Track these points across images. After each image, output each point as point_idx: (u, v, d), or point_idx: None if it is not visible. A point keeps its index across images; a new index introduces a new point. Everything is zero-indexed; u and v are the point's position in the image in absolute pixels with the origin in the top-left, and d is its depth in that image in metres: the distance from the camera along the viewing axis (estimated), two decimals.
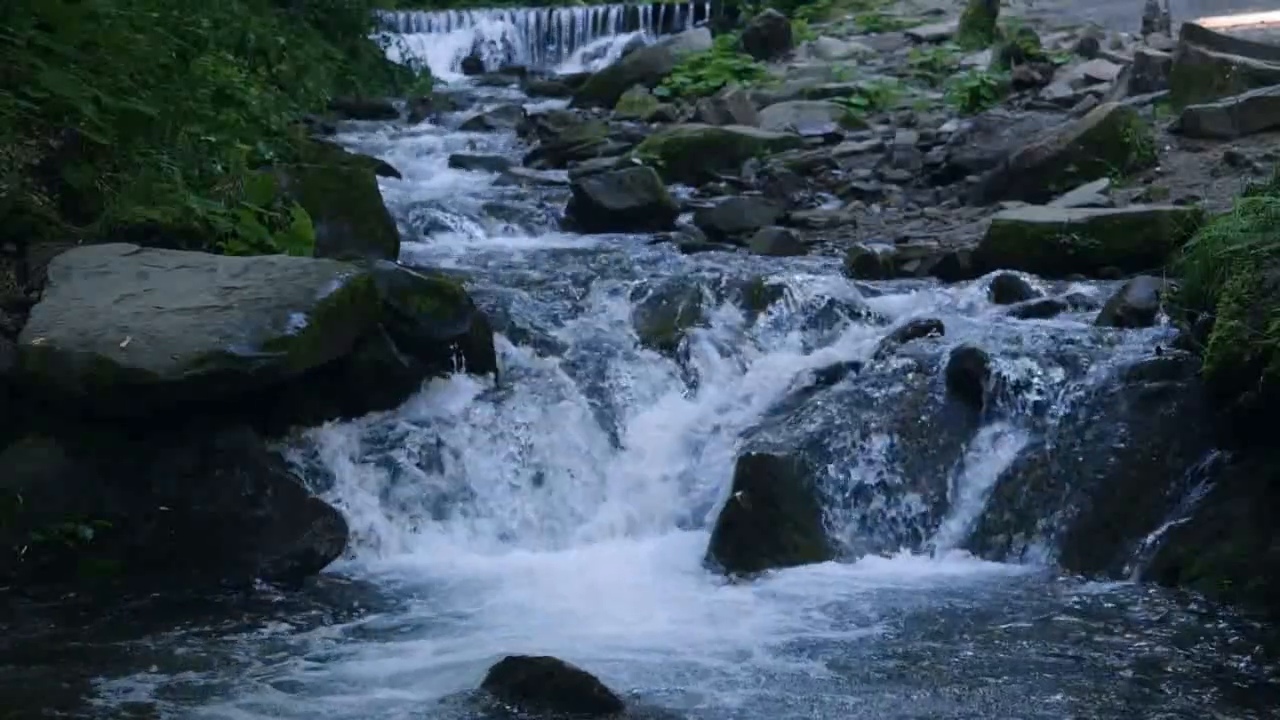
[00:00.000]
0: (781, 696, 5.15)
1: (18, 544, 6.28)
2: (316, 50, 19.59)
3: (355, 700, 5.14)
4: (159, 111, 8.57)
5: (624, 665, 5.38)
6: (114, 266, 7.23)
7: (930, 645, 5.66)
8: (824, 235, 10.81)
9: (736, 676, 5.32)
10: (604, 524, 7.14)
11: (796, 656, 5.54)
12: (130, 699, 5.12)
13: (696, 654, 5.55)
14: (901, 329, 7.87)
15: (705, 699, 5.13)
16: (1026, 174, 11.19)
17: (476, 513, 7.08)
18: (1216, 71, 12.67)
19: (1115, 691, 5.17)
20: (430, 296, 7.60)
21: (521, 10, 26.95)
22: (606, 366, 7.86)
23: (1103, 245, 8.97)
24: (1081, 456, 6.85)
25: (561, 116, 17.63)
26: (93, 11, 8.71)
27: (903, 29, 21.29)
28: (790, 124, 15.00)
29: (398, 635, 5.84)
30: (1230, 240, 6.83)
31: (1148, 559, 6.41)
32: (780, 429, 7.24)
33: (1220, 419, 6.61)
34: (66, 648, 5.62)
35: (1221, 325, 6.53)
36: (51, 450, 6.54)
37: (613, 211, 11.34)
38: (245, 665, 5.45)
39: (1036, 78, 16.05)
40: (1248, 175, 10.23)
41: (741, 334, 8.16)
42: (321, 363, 6.97)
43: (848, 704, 5.11)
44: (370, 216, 9.11)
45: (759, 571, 6.54)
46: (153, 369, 6.44)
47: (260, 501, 6.57)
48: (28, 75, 8.03)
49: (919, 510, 6.92)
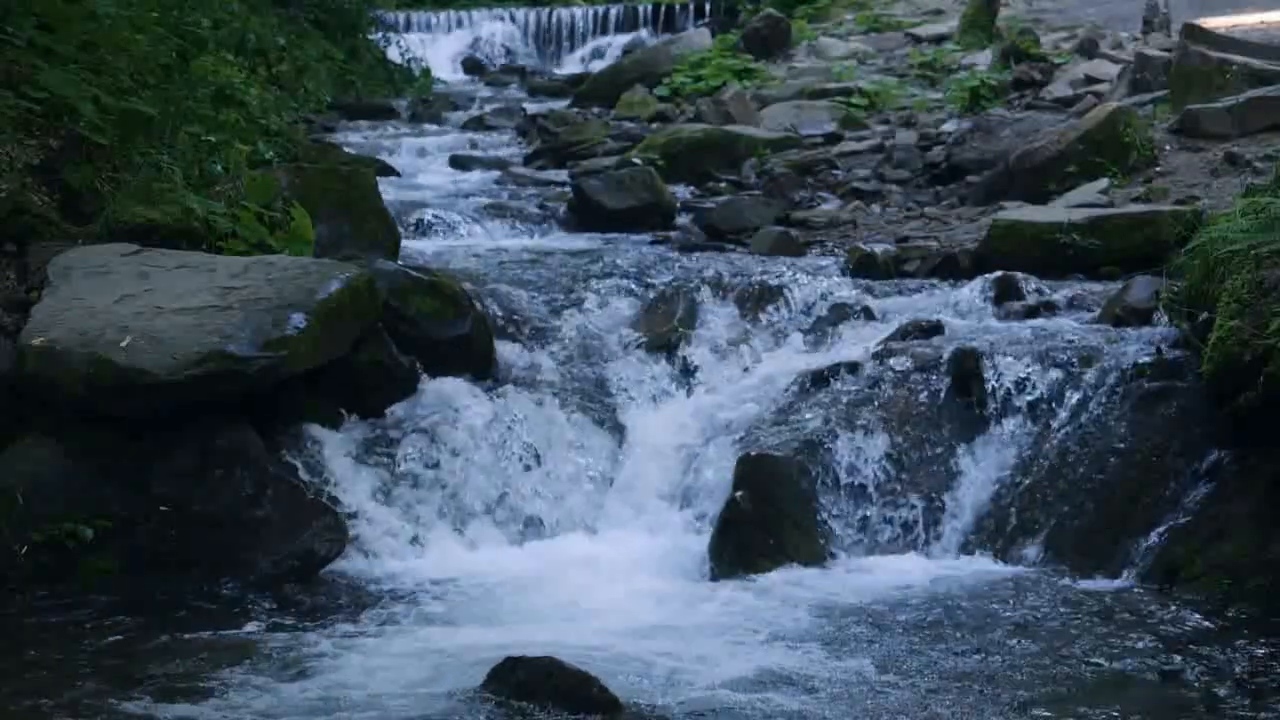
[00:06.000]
0: (781, 696, 5.15)
1: (18, 544, 6.29)
2: (316, 50, 19.59)
3: (355, 700, 5.14)
4: (159, 111, 8.57)
5: (624, 665, 5.38)
6: (114, 266, 7.23)
7: (930, 645, 5.66)
8: (824, 235, 10.81)
9: (736, 676, 5.32)
10: (604, 524, 7.14)
11: (796, 656, 5.54)
12: (130, 699, 5.12)
13: (696, 654, 5.55)
14: (901, 329, 7.87)
15: (704, 699, 5.13)
16: (1026, 174, 11.18)
17: (476, 513, 7.08)
18: (1216, 71, 12.66)
19: (1115, 692, 5.17)
20: (430, 296, 7.61)
21: (521, 10, 26.96)
22: (606, 366, 7.86)
23: (1103, 245, 8.96)
24: (1081, 456, 6.85)
25: (561, 116, 17.63)
26: (93, 11, 8.70)
27: (903, 29, 21.28)
28: (790, 124, 14.99)
29: (397, 635, 5.84)
30: (1230, 240, 6.83)
31: (1148, 559, 6.41)
32: (780, 429, 7.24)
33: (1220, 419, 6.61)
34: (66, 648, 5.62)
35: (1221, 325, 6.53)
36: (51, 450, 6.54)
37: (613, 211, 11.33)
38: (245, 665, 5.45)
39: (1036, 78, 16.04)
40: (1248, 175, 10.22)
41: (741, 334, 8.16)
42: (321, 363, 6.97)
43: (848, 704, 5.11)
44: (370, 216, 9.10)
45: (758, 571, 6.53)
46: (153, 369, 6.44)
47: (260, 501, 6.57)
48: (28, 75, 8.02)
49: (919, 510, 6.91)
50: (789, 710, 5.05)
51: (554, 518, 7.14)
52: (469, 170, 14.08)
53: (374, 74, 21.07)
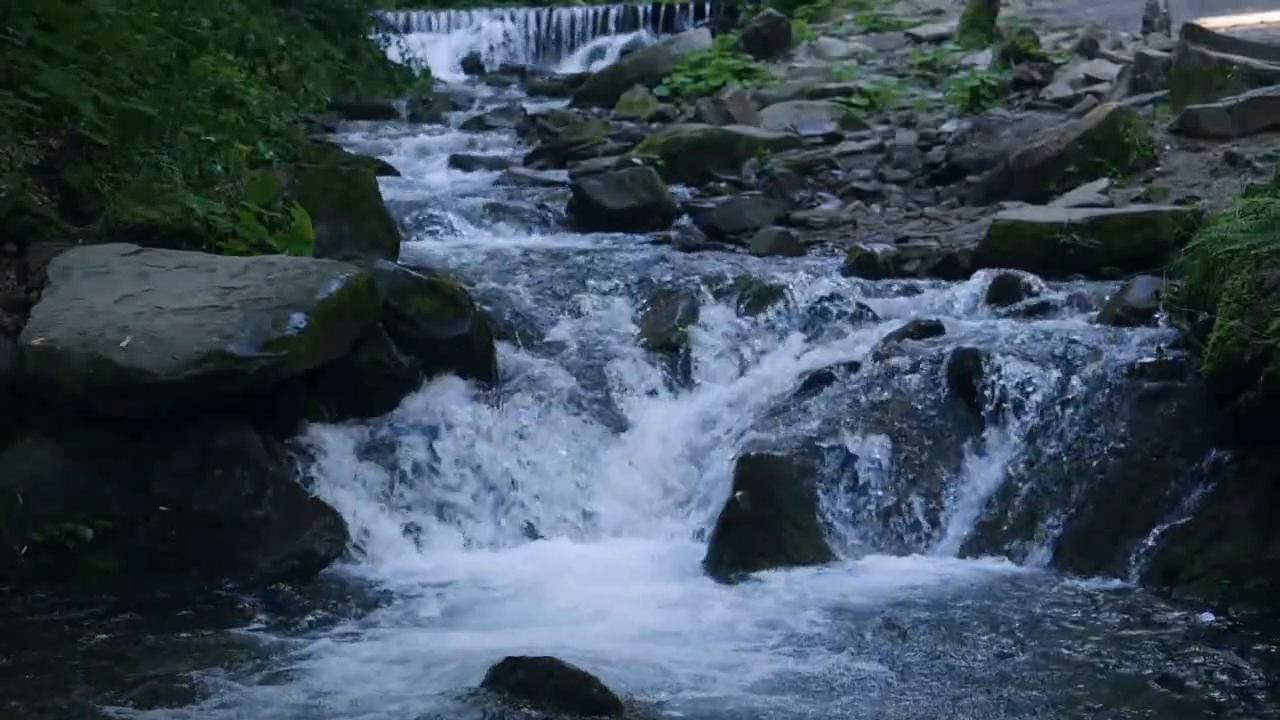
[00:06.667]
0: (781, 697, 5.15)
1: (18, 544, 6.29)
2: (316, 50, 19.59)
3: (355, 700, 5.14)
4: (159, 111, 8.57)
5: (624, 665, 5.38)
6: (114, 266, 7.23)
7: (929, 646, 5.66)
8: (824, 235, 10.81)
9: (736, 677, 5.32)
10: (603, 524, 7.14)
11: (796, 657, 5.54)
12: (130, 699, 5.12)
13: (696, 654, 5.55)
14: (901, 329, 7.87)
15: (704, 699, 5.12)
16: (1026, 174, 11.18)
17: (476, 513, 7.08)
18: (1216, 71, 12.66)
19: (1115, 692, 5.17)
20: (430, 296, 7.60)
21: (521, 10, 26.96)
22: (606, 366, 7.86)
23: (1103, 245, 8.96)
24: (1081, 457, 6.85)
25: (561, 116, 17.63)
26: (93, 11, 8.70)
27: (903, 29, 21.29)
28: (790, 124, 14.99)
29: (397, 635, 5.84)
30: (1230, 240, 6.83)
31: (1148, 559, 6.41)
32: (780, 429, 7.23)
33: (1220, 419, 6.60)
34: (66, 648, 5.62)
35: (1221, 325, 6.53)
36: (51, 450, 6.54)
37: (612, 211, 11.34)
38: (245, 665, 5.45)
39: (1036, 78, 16.04)
40: (1248, 175, 10.22)
41: (741, 334, 8.16)
42: (321, 363, 6.97)
43: (848, 704, 5.11)
44: (370, 216, 9.10)
45: (758, 572, 6.52)
46: (153, 369, 6.44)
47: (260, 501, 6.57)
48: (28, 75, 8.02)
49: (918, 510, 6.91)
50: (790, 710, 5.05)
51: (554, 518, 7.13)
52: (469, 170, 14.08)
53: (374, 74, 21.07)
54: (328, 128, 16.63)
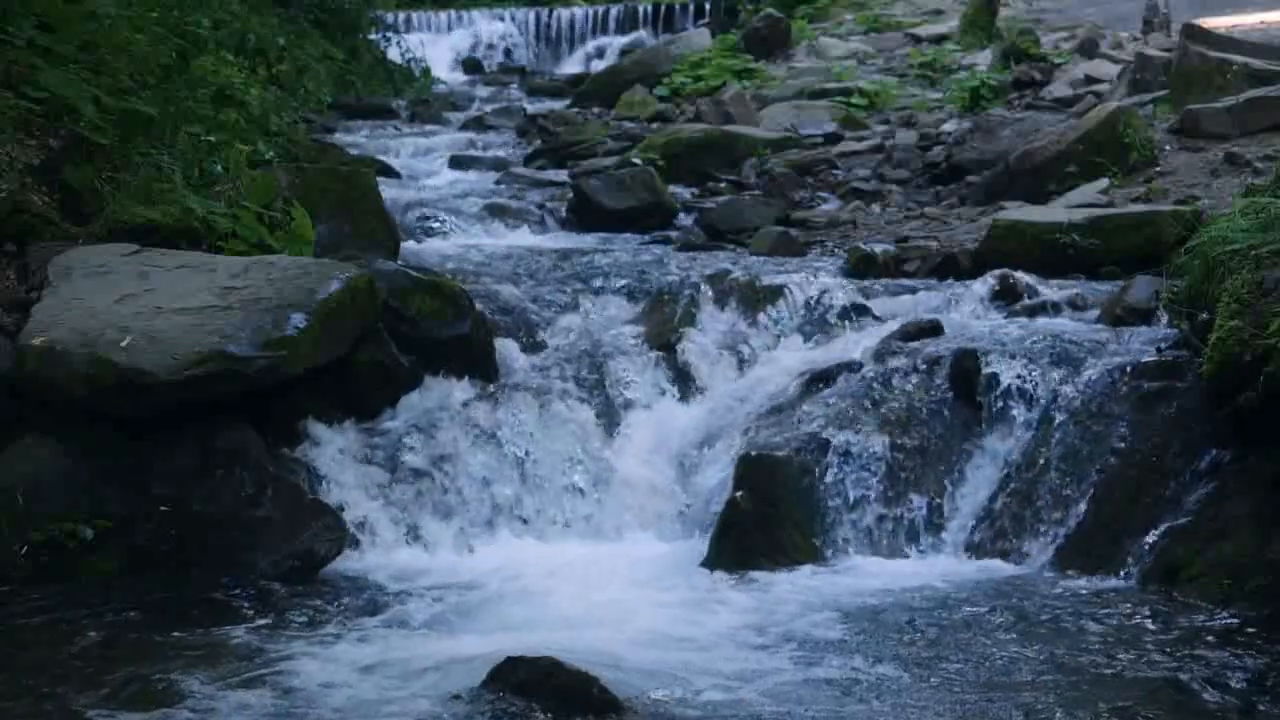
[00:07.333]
0: (781, 697, 5.15)
1: (18, 544, 6.29)
2: (316, 50, 19.59)
3: (355, 700, 5.14)
4: (159, 111, 8.57)
5: (624, 665, 5.38)
6: (114, 266, 7.23)
7: (929, 646, 5.66)
8: (824, 235, 10.81)
9: (736, 677, 5.32)
10: (603, 524, 7.14)
11: (796, 657, 5.54)
12: (130, 699, 5.12)
13: (696, 654, 5.55)
14: (901, 329, 7.87)
15: (704, 699, 5.12)
16: (1026, 174, 11.19)
17: (476, 513, 7.08)
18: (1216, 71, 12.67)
19: (1115, 692, 5.17)
20: (430, 296, 7.61)
21: (521, 10, 26.98)
22: (606, 366, 7.85)
23: (1103, 245, 8.96)
24: (1081, 456, 6.85)
25: (561, 116, 17.64)
26: (93, 11, 8.70)
27: (903, 29, 21.30)
28: (790, 124, 15.00)
29: (397, 635, 5.84)
30: (1230, 240, 6.83)
31: (1147, 559, 6.41)
32: (780, 429, 7.23)
33: (1220, 419, 6.60)
34: (66, 648, 5.62)
35: (1221, 325, 6.53)
36: (51, 450, 6.54)
37: (613, 211, 11.35)
38: (245, 665, 5.45)
39: (1036, 78, 16.05)
40: (1248, 175, 10.23)
41: (741, 334, 8.16)
42: (321, 363, 6.96)
43: (847, 704, 5.11)
44: (370, 216, 9.10)
45: (758, 572, 6.53)
46: (153, 369, 6.44)
47: (260, 501, 6.57)
48: (28, 75, 8.02)
49: (919, 511, 6.91)
50: (791, 710, 5.05)
51: (554, 518, 7.14)
52: (469, 170, 14.09)
53: (374, 74, 21.07)
54: (328, 128, 16.64)
